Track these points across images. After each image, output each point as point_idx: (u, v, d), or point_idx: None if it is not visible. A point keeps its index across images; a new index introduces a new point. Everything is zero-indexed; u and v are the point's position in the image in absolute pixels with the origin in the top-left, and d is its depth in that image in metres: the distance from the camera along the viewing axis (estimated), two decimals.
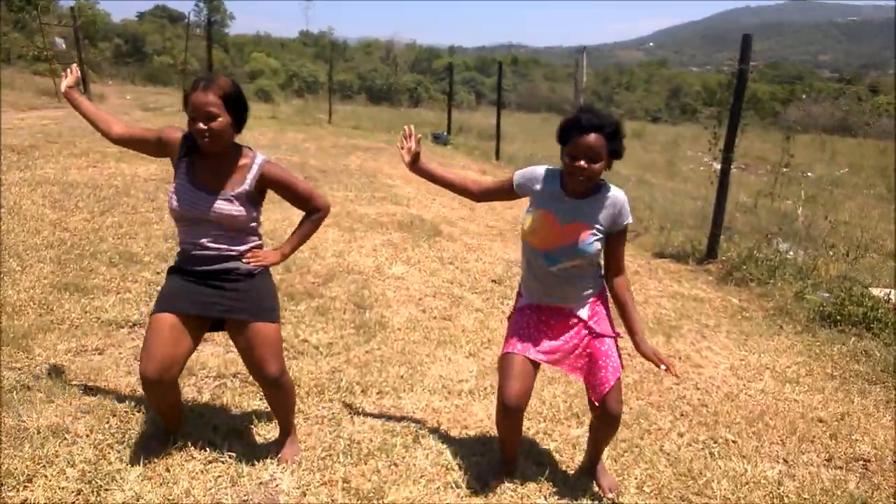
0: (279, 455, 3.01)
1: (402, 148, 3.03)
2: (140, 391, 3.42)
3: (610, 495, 2.97)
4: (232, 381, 3.66)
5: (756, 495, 3.03)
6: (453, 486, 2.93)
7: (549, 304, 2.85)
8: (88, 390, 3.42)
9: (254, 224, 2.82)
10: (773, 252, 6.64)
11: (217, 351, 3.94)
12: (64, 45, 29.31)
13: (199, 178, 2.70)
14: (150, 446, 2.94)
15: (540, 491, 2.95)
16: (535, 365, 2.85)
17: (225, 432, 3.15)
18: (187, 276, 2.78)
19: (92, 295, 4.62)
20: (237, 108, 2.64)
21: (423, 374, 4.00)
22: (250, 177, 2.71)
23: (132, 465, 2.81)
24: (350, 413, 3.47)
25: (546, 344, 2.84)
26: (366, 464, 3.02)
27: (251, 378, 3.65)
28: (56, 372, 3.55)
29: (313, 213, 2.94)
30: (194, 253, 2.75)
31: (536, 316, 2.88)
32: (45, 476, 2.71)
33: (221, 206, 2.67)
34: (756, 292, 6.08)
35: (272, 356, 2.82)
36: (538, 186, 2.82)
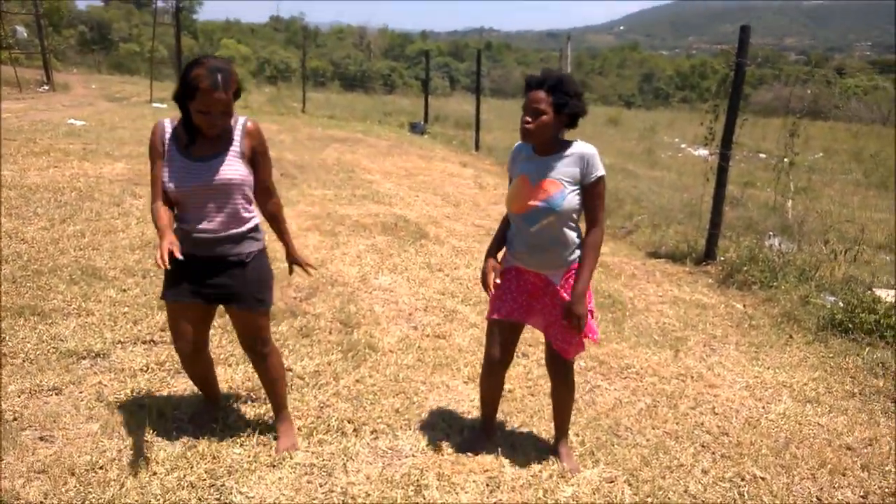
0: (275, 447, 3.09)
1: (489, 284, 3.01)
2: (103, 439, 3.06)
3: (567, 475, 3.10)
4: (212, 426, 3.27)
5: None
6: None
7: (531, 268, 2.94)
8: (43, 442, 3.02)
9: (251, 192, 2.87)
10: (773, 252, 6.35)
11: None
12: (25, 34, 28.31)
13: (196, 152, 2.74)
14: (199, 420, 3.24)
15: None
16: (519, 324, 3.06)
17: (200, 493, 2.77)
18: (185, 260, 2.75)
19: (50, 319, 4.20)
20: (236, 94, 2.72)
21: (420, 406, 3.65)
22: (237, 135, 2.79)
23: None
24: (342, 459, 3.10)
25: (525, 305, 2.99)
26: None
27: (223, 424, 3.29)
28: (5, 419, 3.14)
29: (271, 197, 3.02)
30: (194, 236, 2.80)
31: (517, 280, 2.99)
32: None
33: (224, 169, 2.73)
34: (760, 296, 5.78)
35: (260, 338, 3.02)
36: (517, 158, 2.97)
